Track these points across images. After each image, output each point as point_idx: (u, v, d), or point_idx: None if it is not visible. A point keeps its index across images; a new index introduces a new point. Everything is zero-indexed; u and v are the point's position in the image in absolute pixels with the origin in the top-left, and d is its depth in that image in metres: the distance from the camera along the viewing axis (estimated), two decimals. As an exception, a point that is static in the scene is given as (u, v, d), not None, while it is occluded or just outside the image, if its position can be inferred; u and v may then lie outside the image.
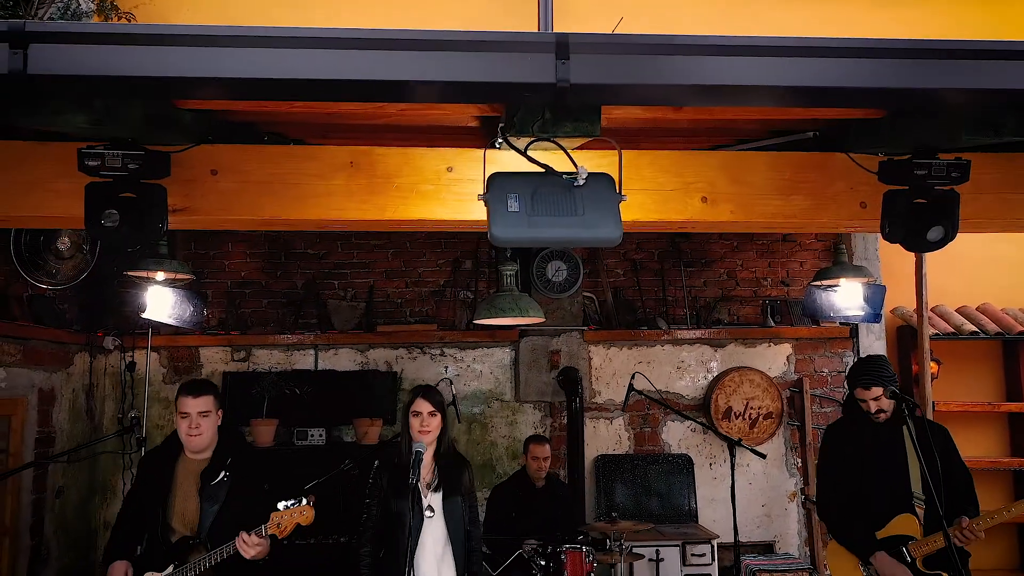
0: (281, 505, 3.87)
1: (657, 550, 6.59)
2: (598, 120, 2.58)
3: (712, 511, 7.29)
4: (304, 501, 3.90)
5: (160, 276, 5.89)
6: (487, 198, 2.61)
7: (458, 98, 2.48)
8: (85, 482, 6.88)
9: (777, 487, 7.47)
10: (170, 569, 3.96)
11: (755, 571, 6.81)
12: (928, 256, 7.27)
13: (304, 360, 7.30)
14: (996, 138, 2.72)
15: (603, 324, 7.55)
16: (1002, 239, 7.86)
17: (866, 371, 4.29)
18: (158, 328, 7.03)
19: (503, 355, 7.42)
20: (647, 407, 7.46)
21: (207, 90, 2.38)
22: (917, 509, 4.21)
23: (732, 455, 5.54)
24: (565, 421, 7.19)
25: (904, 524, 4.19)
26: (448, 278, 7.60)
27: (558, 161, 2.78)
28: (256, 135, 3.49)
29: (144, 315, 6.28)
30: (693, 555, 6.62)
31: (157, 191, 2.89)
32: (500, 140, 2.70)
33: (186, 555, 3.97)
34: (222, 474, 4.09)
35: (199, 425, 4.05)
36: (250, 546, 3.80)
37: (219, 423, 4.19)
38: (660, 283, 7.75)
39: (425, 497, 4.23)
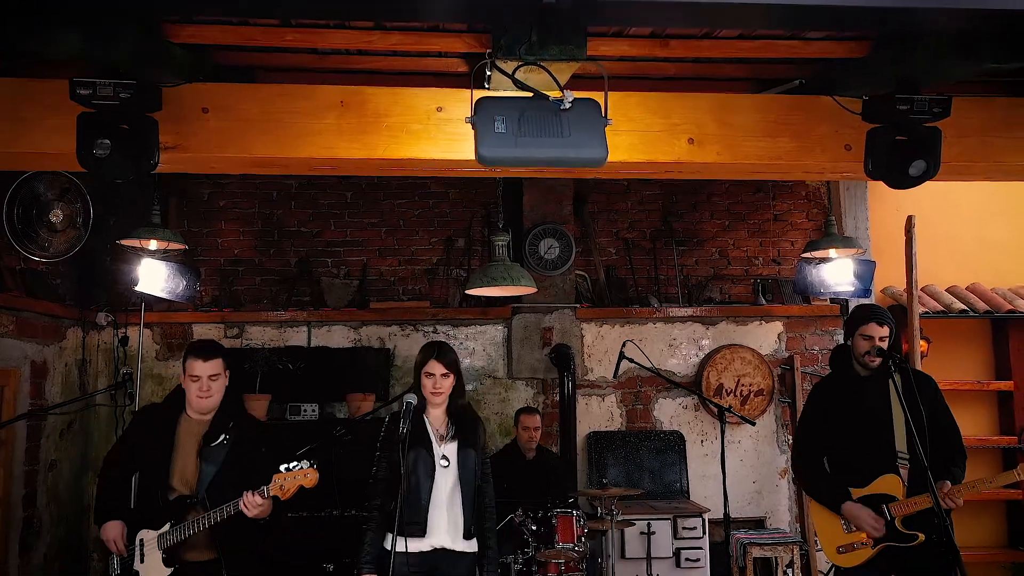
0: (284, 467, 3.87)
1: (648, 523, 6.60)
2: (584, 44, 2.62)
3: (704, 487, 7.31)
4: (308, 464, 3.90)
5: (153, 245, 5.91)
6: (474, 120, 2.64)
7: (444, 16, 2.50)
8: (78, 457, 6.88)
9: (768, 464, 7.51)
10: (167, 527, 3.96)
11: (746, 545, 6.83)
12: (919, 237, 7.32)
13: (297, 337, 7.32)
14: (976, 65, 2.75)
15: (595, 302, 7.58)
16: (992, 221, 7.94)
17: (878, 309, 4.30)
18: (151, 304, 7.06)
19: (495, 332, 7.45)
20: (639, 384, 7.49)
21: (199, 4, 2.40)
22: (901, 469, 4.21)
23: (722, 421, 5.56)
24: (557, 398, 7.22)
25: (887, 484, 4.19)
26: (441, 256, 7.63)
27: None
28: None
29: (137, 288, 6.30)
30: (684, 528, 6.65)
31: (148, 123, 2.92)
32: (489, 66, 2.72)
33: (183, 514, 3.96)
34: (222, 437, 4.10)
35: (209, 388, 4.05)
36: (252, 507, 3.81)
37: (227, 384, 4.20)
38: (652, 262, 7.78)
39: (440, 446, 4.18)
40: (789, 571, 6.95)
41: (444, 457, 4.18)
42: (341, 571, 6.05)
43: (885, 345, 4.20)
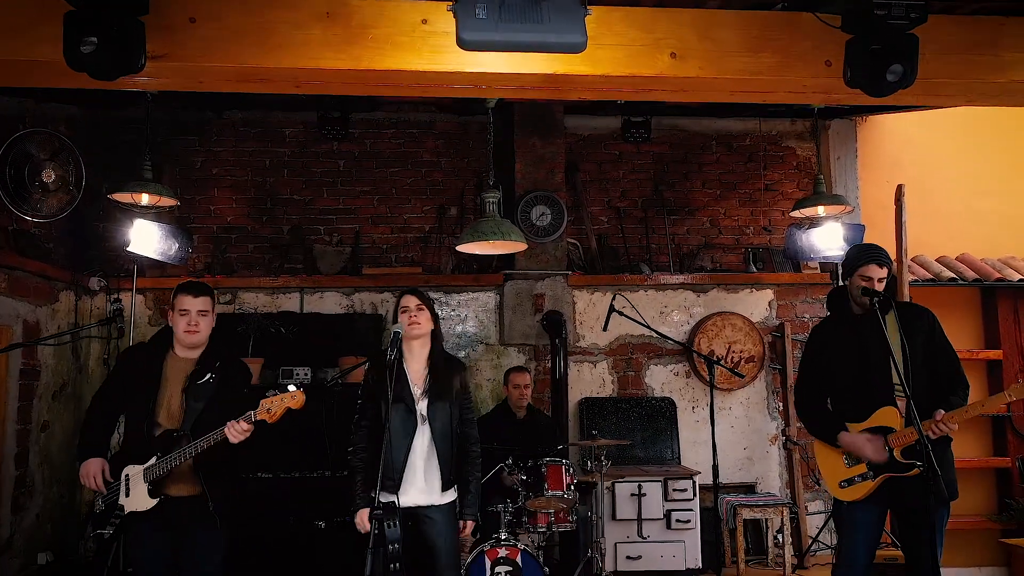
0: (271, 392, 3.91)
1: (639, 485, 6.64)
2: (564, -70, 2.66)
3: (695, 453, 7.32)
4: (295, 386, 3.93)
5: (144, 199, 5.95)
6: (455, 8, 2.68)
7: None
8: (70, 422, 6.87)
9: (759, 430, 7.53)
10: (153, 460, 3.99)
11: (735, 506, 6.85)
12: (909, 208, 7.38)
13: (289, 303, 7.33)
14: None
15: (587, 270, 7.61)
16: (982, 192, 8.00)
17: (877, 250, 4.31)
18: (144, 270, 7.10)
19: (488, 299, 7.47)
20: (630, 351, 7.53)
21: None
22: (899, 401, 4.23)
23: (710, 373, 5.57)
24: (549, 364, 7.24)
25: (885, 416, 4.21)
26: (433, 224, 7.66)
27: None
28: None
29: (129, 248, 6.33)
30: (675, 490, 6.67)
31: (135, 24, 2.96)
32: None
33: (169, 447, 3.99)
34: (208, 376, 4.15)
35: (197, 323, 4.13)
36: (238, 433, 3.84)
37: (213, 325, 4.26)
38: (644, 231, 7.82)
39: (417, 403, 4.26)
40: (779, 536, 6.98)
41: (422, 415, 4.23)
42: (332, 529, 6.09)
43: (883, 286, 4.24)
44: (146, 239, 6.38)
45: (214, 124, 7.58)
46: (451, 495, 4.33)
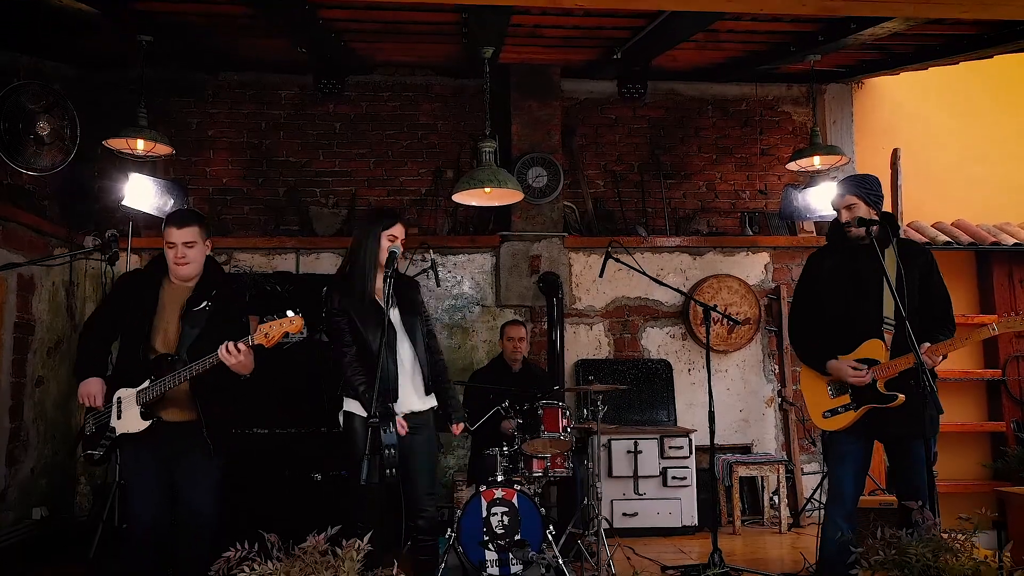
0: (268, 317, 3.85)
1: (635, 442, 6.65)
2: None
3: (691, 415, 7.31)
4: (293, 312, 3.88)
5: (140, 146, 5.93)
6: None
7: None
8: (65, 379, 6.84)
9: (755, 392, 7.52)
10: (146, 383, 3.94)
11: (731, 464, 6.85)
12: (906, 175, 7.39)
13: (285, 264, 7.32)
14: None
15: (583, 233, 7.60)
16: (978, 159, 8.02)
17: (845, 179, 4.36)
18: (139, 230, 7.06)
19: (484, 260, 7.46)
20: (627, 313, 7.52)
21: None
22: (886, 335, 4.24)
23: (707, 321, 5.54)
24: (546, 326, 7.23)
25: (871, 348, 4.22)
26: (429, 187, 7.65)
27: None
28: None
29: (124, 203, 6.31)
30: (671, 448, 6.67)
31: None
32: None
33: (163, 370, 3.94)
34: (205, 303, 4.10)
35: (184, 255, 4.07)
36: (233, 355, 3.77)
37: (208, 252, 4.23)
38: (640, 194, 7.81)
39: (390, 317, 4.17)
40: (775, 497, 6.98)
41: (399, 327, 4.20)
42: (328, 481, 6.07)
43: (853, 213, 4.25)
44: (141, 193, 6.37)
45: (209, 86, 7.56)
46: (431, 400, 4.29)
